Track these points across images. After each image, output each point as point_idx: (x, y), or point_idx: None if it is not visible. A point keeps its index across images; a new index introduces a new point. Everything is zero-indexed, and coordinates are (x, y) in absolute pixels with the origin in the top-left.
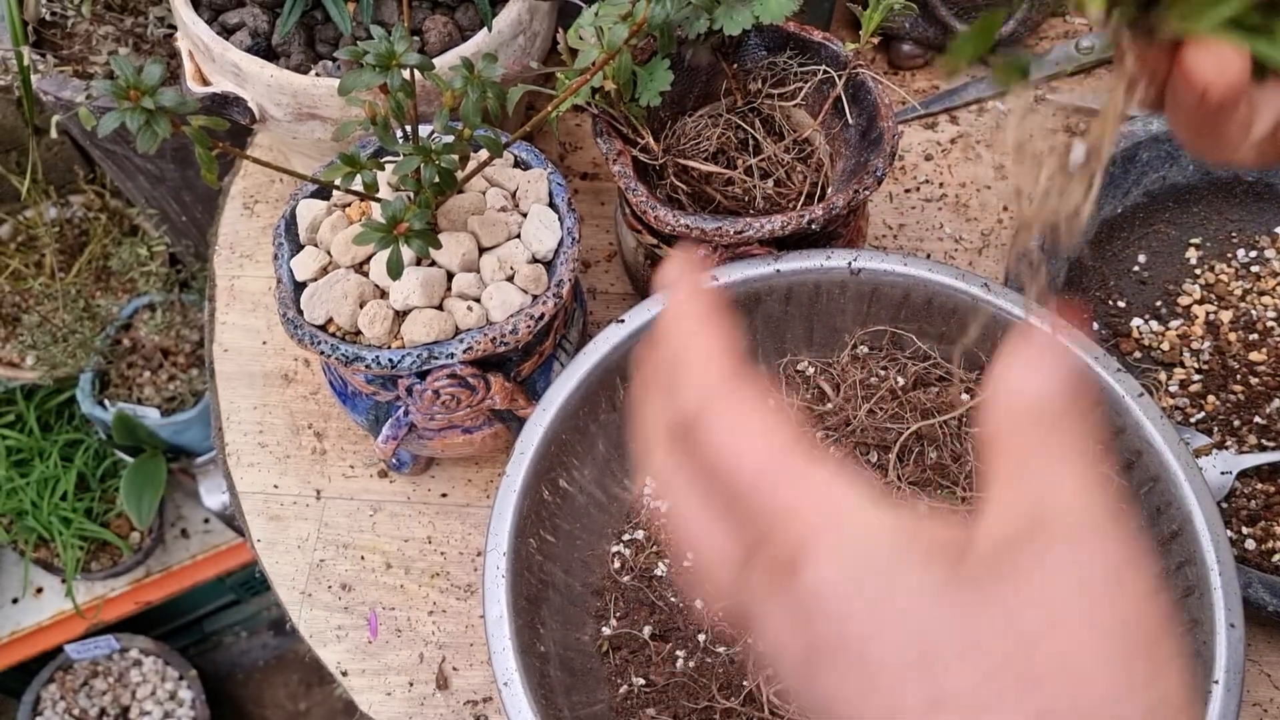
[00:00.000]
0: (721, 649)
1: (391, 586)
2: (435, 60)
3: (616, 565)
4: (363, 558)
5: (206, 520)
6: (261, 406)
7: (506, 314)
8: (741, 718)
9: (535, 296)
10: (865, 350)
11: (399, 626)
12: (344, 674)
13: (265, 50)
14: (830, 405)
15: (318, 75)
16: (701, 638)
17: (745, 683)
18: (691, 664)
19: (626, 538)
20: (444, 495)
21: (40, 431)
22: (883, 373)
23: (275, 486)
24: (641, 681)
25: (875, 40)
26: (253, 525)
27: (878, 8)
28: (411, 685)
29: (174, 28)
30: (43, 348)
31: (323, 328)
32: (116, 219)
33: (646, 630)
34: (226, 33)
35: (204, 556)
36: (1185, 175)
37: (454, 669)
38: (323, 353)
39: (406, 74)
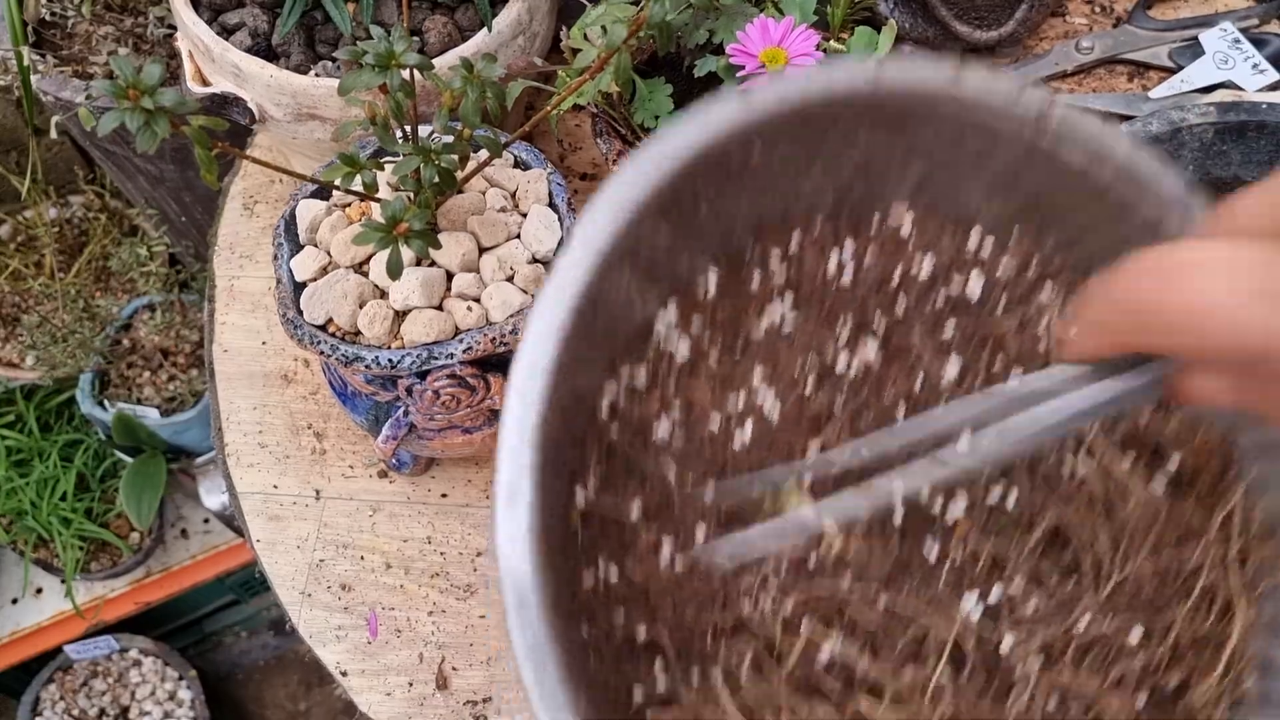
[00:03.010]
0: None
1: (391, 587)
2: (435, 60)
3: (604, 413)
4: (362, 558)
5: (206, 520)
6: (261, 407)
7: (506, 314)
8: (747, 642)
9: (535, 296)
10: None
11: (399, 627)
12: (344, 674)
13: (265, 50)
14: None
15: (317, 75)
16: (702, 532)
17: (756, 606)
18: (679, 568)
19: (623, 375)
20: (444, 495)
21: (40, 432)
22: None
23: (275, 487)
24: (615, 574)
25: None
26: (252, 525)
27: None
28: (411, 685)
29: (174, 28)
30: (42, 348)
31: (322, 328)
32: (116, 219)
33: (633, 507)
34: (226, 33)
35: (204, 557)
36: (1185, 175)
37: (454, 669)
38: (322, 353)
39: (406, 74)
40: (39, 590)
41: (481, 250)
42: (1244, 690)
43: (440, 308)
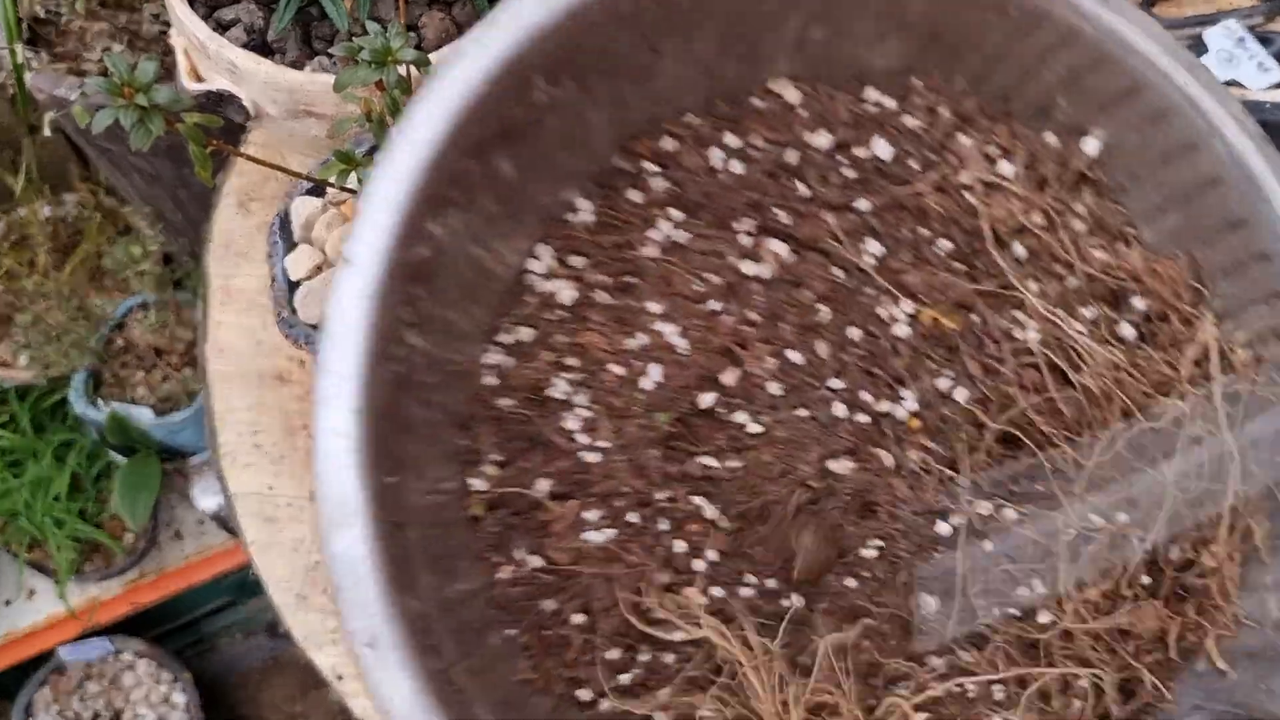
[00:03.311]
0: (663, 501)
1: None
2: (432, 56)
3: (491, 381)
4: None
5: (201, 522)
6: (256, 407)
7: None
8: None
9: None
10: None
11: None
12: (339, 678)
13: (260, 46)
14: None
15: (313, 72)
16: (629, 493)
17: (698, 558)
18: (611, 533)
19: (504, 338)
20: None
21: (34, 432)
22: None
23: (270, 488)
24: (536, 561)
25: None
26: (247, 527)
27: None
28: None
29: (168, 24)
30: (36, 347)
31: (316, 327)
32: (111, 217)
33: (541, 484)
34: (221, 29)
35: (199, 558)
36: None
37: None
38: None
39: (402, 70)
40: (32, 592)
41: None
42: (1255, 543)
43: None
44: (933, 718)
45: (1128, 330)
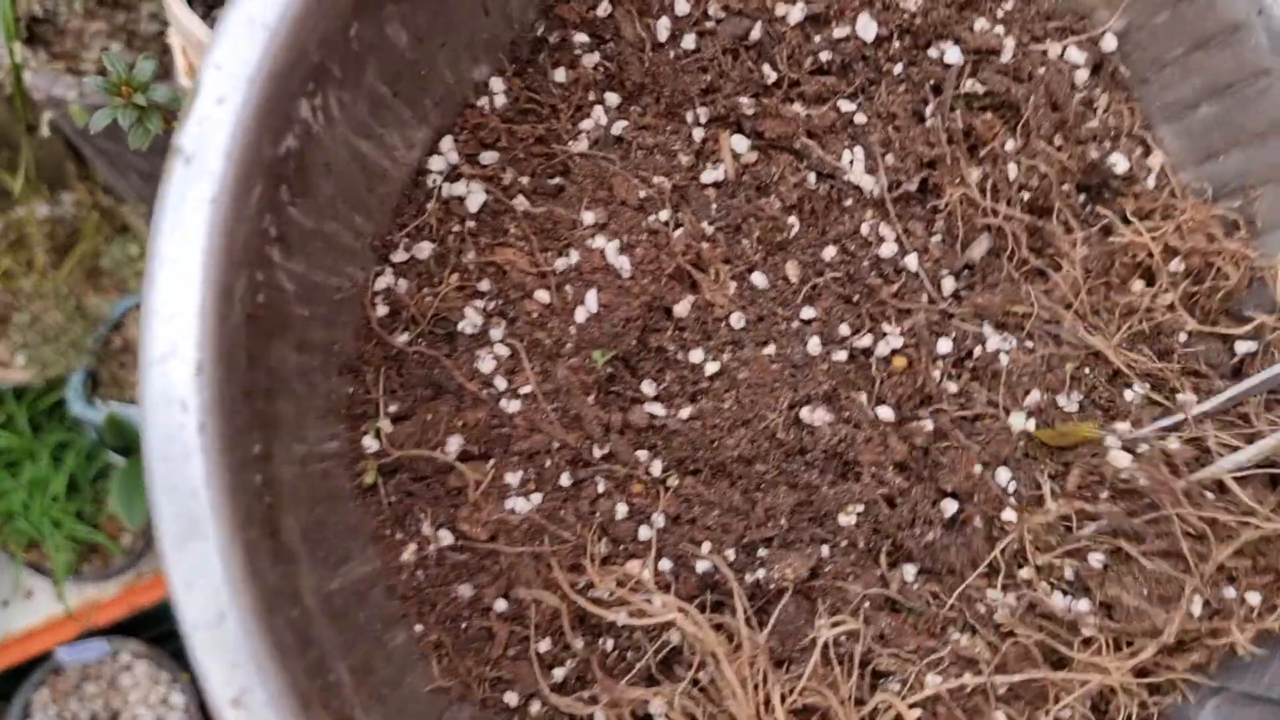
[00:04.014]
0: (601, 458)
1: None
2: None
3: (383, 312)
4: None
5: None
6: None
7: None
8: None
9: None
10: None
11: None
12: None
13: None
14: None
15: None
16: (559, 450)
17: (644, 525)
18: (538, 499)
19: (399, 256)
20: None
21: (31, 433)
22: None
23: None
24: (447, 537)
25: None
26: None
27: None
28: None
29: (166, 23)
30: (34, 347)
31: None
32: (108, 216)
33: (451, 443)
34: None
35: None
36: None
37: None
38: None
39: None
40: (29, 593)
41: None
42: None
43: None
44: (929, 715)
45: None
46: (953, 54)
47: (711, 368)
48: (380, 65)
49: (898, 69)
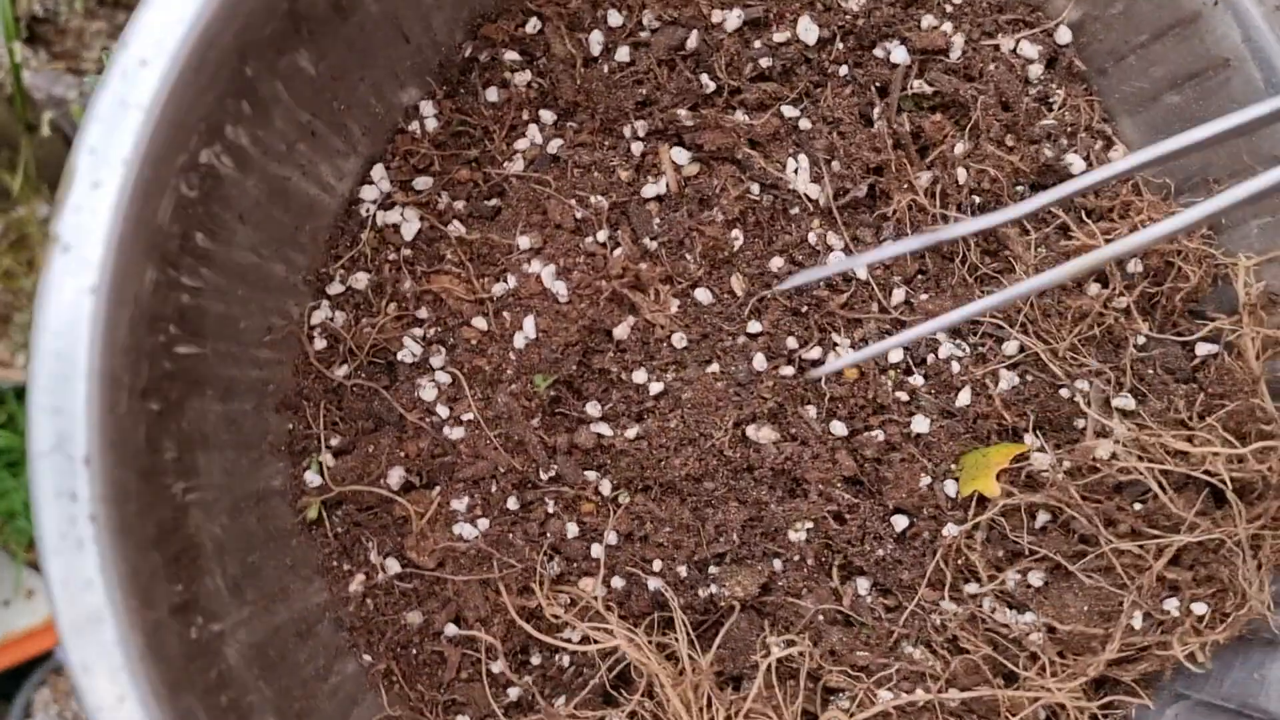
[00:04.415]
0: (549, 480)
1: None
2: None
3: (321, 345)
4: None
5: None
6: None
7: None
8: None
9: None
10: None
11: None
12: None
13: None
14: None
15: None
16: (505, 474)
17: (596, 543)
18: (484, 524)
19: (335, 289)
20: None
21: None
22: None
23: None
24: (394, 566)
25: None
26: None
27: None
28: None
29: None
30: None
31: None
32: None
33: (394, 474)
34: None
35: None
36: None
37: None
38: None
39: None
40: (30, 592)
41: None
42: None
43: None
44: None
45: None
46: (899, 54)
47: (655, 388)
48: (296, 96)
49: (842, 71)
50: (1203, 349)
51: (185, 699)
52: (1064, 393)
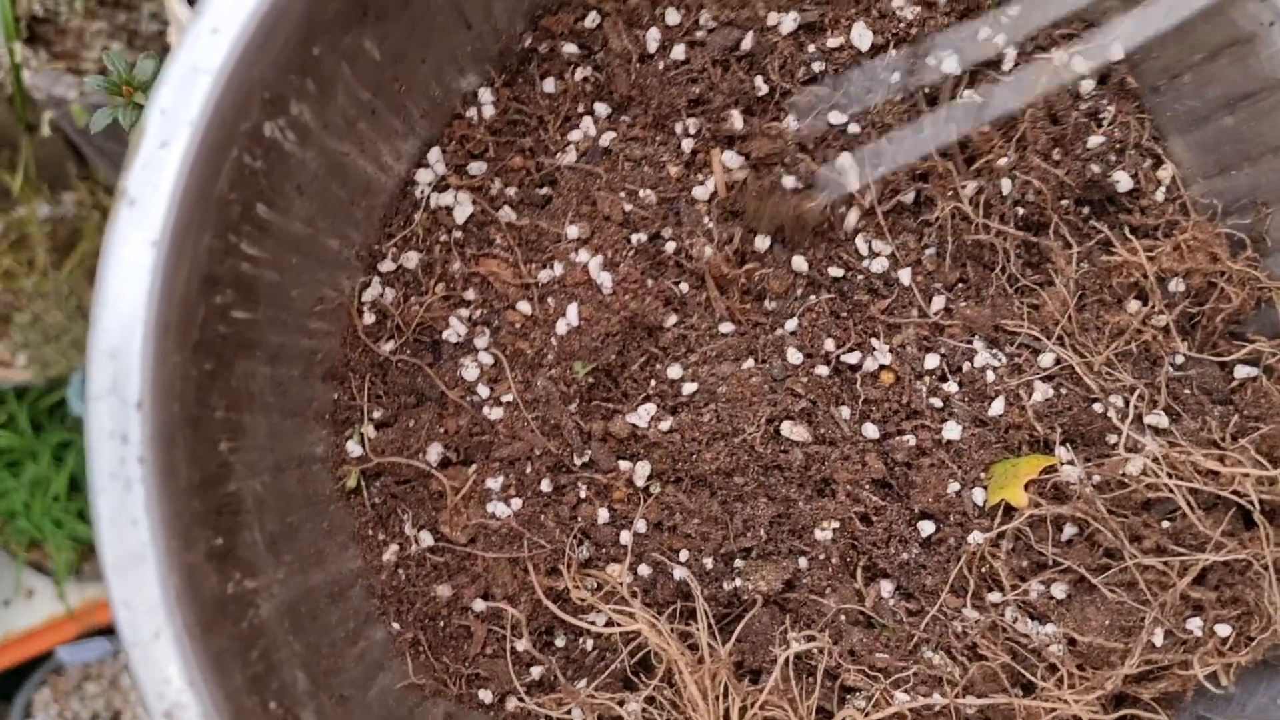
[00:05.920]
0: (583, 465)
1: None
2: None
3: (369, 320)
4: None
5: None
6: None
7: None
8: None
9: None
10: None
11: None
12: None
13: None
14: None
15: None
16: (540, 457)
17: (625, 530)
18: (518, 504)
19: (386, 266)
20: None
21: (32, 432)
22: None
23: None
24: (428, 539)
25: None
26: None
27: None
28: None
29: (167, 23)
30: (35, 347)
31: None
32: (109, 216)
33: (433, 450)
34: None
35: None
36: None
37: None
38: None
39: None
40: (30, 592)
41: None
42: None
43: None
44: None
45: None
46: (950, 63)
47: (690, 388)
48: (359, 75)
49: (894, 79)
50: (1241, 371)
51: (217, 641)
52: (1097, 407)
